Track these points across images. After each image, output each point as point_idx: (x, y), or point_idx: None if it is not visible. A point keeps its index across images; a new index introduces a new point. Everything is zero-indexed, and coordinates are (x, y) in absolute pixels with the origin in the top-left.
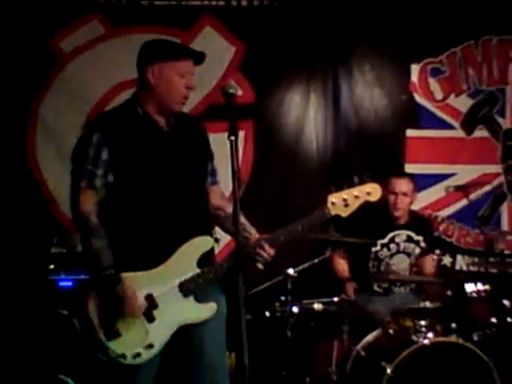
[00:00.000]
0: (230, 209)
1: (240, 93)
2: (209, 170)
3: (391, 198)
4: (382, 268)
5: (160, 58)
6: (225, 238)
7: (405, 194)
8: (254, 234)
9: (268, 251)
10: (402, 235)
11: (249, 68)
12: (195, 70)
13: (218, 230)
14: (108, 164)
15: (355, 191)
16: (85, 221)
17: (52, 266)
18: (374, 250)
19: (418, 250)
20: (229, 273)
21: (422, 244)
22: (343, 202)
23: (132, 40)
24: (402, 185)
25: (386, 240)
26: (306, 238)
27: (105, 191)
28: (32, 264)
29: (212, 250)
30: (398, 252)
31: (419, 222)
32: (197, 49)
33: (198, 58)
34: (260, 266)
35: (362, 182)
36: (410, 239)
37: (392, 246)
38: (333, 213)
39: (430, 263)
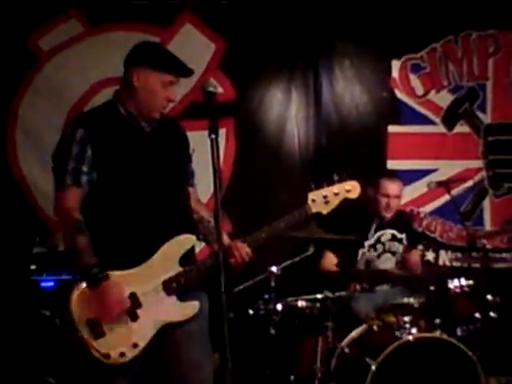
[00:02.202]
0: (203, 212)
1: (220, 90)
2: (189, 172)
3: (383, 200)
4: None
5: (149, 64)
6: None
7: (397, 197)
8: (225, 238)
9: (241, 251)
10: (386, 234)
11: (229, 65)
12: None
13: None
14: (92, 160)
15: (335, 188)
16: (69, 217)
17: (34, 267)
18: (361, 251)
19: (401, 248)
20: (211, 271)
21: (405, 242)
22: (323, 199)
23: (111, 38)
24: (395, 188)
25: (372, 241)
26: (289, 236)
27: (89, 188)
28: (13, 264)
29: (193, 248)
30: (384, 252)
31: (400, 218)
32: (176, 46)
33: (186, 72)
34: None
35: (341, 180)
36: (394, 238)
37: (378, 246)
38: (313, 210)
39: (414, 257)
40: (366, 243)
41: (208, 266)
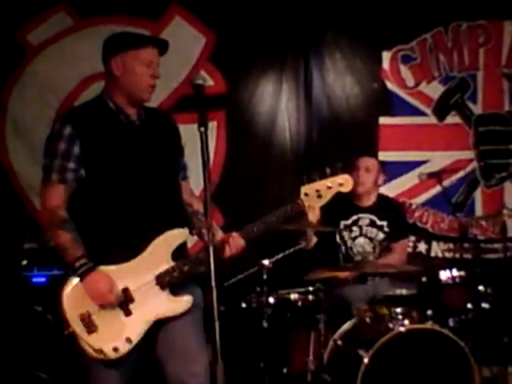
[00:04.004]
0: (197, 206)
1: (211, 83)
2: (181, 165)
3: (355, 174)
4: (343, 250)
5: (121, 48)
6: None
7: (367, 170)
8: (219, 233)
9: (236, 242)
10: (364, 219)
11: (220, 58)
12: (166, 61)
13: None
14: (79, 158)
15: (328, 182)
16: (54, 215)
17: (25, 262)
18: (336, 231)
19: (381, 235)
20: (204, 265)
21: (386, 229)
22: (316, 193)
23: (101, 32)
24: (365, 160)
25: (349, 222)
26: (281, 229)
27: (76, 185)
28: (5, 260)
29: (185, 242)
30: (360, 235)
31: (387, 207)
32: (167, 40)
33: (162, 45)
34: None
35: (334, 173)
36: (372, 223)
37: (354, 228)
38: (306, 204)
39: (401, 249)
40: (342, 222)
41: (201, 260)
